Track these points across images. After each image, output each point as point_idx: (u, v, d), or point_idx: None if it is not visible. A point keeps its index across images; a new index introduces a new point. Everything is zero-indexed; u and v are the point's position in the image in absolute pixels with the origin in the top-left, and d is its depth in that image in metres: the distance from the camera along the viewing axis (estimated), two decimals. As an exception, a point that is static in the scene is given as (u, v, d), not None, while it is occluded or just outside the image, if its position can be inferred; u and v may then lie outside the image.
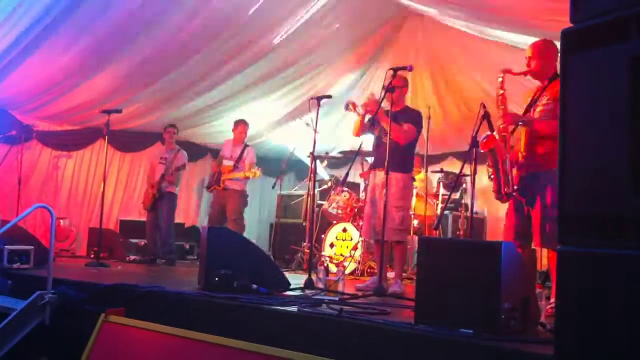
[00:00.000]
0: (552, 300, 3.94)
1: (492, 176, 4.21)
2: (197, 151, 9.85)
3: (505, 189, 4.15)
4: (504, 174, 4.16)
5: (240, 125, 7.99)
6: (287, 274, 4.94)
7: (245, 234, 7.29)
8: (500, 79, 4.32)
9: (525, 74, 4.34)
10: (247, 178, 7.68)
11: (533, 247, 4.25)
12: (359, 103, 5.40)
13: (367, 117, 5.46)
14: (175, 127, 8.42)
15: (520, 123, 4.22)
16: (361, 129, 5.46)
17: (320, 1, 7.07)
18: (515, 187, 4.18)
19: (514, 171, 4.18)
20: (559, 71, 4.25)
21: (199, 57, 7.57)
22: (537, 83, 4.40)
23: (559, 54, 2.10)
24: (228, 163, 7.86)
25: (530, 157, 4.25)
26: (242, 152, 7.91)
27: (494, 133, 4.17)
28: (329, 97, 5.60)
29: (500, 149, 4.13)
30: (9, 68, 7.01)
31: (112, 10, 6.36)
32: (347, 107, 5.36)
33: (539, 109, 4.25)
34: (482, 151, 4.25)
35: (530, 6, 5.65)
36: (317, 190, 8.51)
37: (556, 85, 4.18)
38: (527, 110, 4.33)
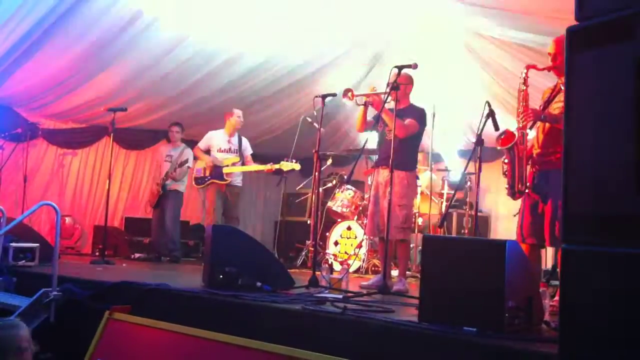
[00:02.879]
0: (556, 298, 3.93)
1: (507, 172, 4.19)
2: (201, 149, 9.85)
3: (519, 186, 4.14)
4: (519, 171, 4.15)
5: (235, 113, 7.67)
6: (291, 272, 4.94)
7: (249, 232, 7.25)
8: (523, 75, 4.28)
9: (549, 69, 4.28)
10: (270, 171, 7.31)
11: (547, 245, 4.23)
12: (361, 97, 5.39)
13: (370, 113, 5.47)
14: (179, 125, 8.40)
15: (542, 120, 4.18)
16: (364, 124, 5.46)
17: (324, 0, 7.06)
18: (528, 185, 4.17)
19: (528, 168, 4.17)
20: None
21: (204, 56, 7.57)
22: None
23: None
24: (226, 156, 7.56)
25: (545, 155, 4.23)
26: (240, 142, 7.66)
27: (514, 130, 4.14)
28: (334, 95, 5.59)
29: (518, 145, 4.12)
30: (14, 66, 7.04)
31: (116, 8, 6.37)
32: (345, 95, 5.35)
33: (558, 105, 4.21)
34: (498, 148, 4.22)
35: (536, 4, 5.63)
36: (321, 188, 8.51)
37: None
38: (545, 107, 4.30)
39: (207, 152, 7.71)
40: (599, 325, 1.87)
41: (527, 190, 4.15)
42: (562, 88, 4.19)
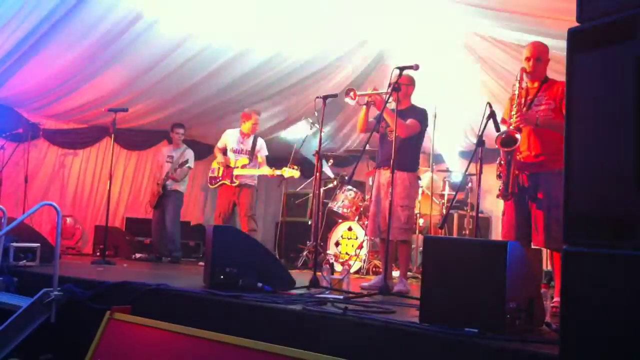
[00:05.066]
0: (556, 299, 3.95)
1: (503, 174, 4.20)
2: (203, 150, 9.86)
3: (513, 188, 4.17)
4: (514, 173, 4.17)
5: (254, 115, 7.56)
6: (292, 273, 4.94)
7: (250, 232, 7.24)
8: (519, 77, 4.33)
9: (530, 73, 4.35)
10: (272, 177, 7.34)
11: (533, 246, 4.26)
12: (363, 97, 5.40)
13: (372, 112, 5.46)
14: (182, 126, 8.40)
15: (537, 125, 4.19)
16: (365, 125, 5.46)
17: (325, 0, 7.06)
18: (521, 187, 4.20)
19: (515, 171, 4.21)
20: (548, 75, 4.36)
21: (204, 57, 7.57)
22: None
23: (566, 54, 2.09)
24: (238, 157, 7.50)
25: (534, 157, 4.26)
26: (254, 144, 7.58)
27: (517, 135, 4.14)
28: (335, 96, 5.60)
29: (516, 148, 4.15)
30: (16, 66, 7.04)
31: (117, 9, 6.37)
32: (347, 94, 5.36)
33: (540, 108, 4.26)
34: (497, 147, 4.23)
35: (537, 5, 5.63)
36: (322, 189, 8.51)
37: (552, 87, 4.28)
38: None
39: (225, 150, 7.67)
40: (600, 327, 1.87)
41: (517, 192, 4.20)
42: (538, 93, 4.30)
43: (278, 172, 7.21)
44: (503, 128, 4.36)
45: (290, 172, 7.18)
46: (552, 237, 4.08)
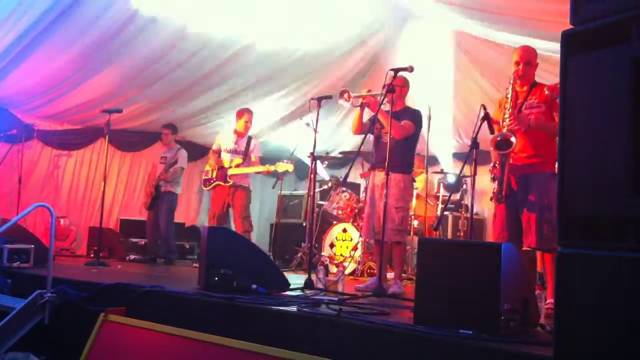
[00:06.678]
0: (549, 301, 3.96)
1: (497, 177, 4.22)
2: (197, 151, 9.84)
3: (507, 191, 4.19)
4: (507, 176, 4.19)
5: (246, 113, 7.47)
6: (286, 274, 4.94)
7: (245, 234, 7.22)
8: (512, 81, 4.37)
9: (520, 77, 4.39)
10: (267, 172, 7.28)
11: (524, 248, 4.28)
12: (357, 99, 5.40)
13: (367, 114, 5.47)
14: (170, 127, 8.36)
15: (529, 128, 4.22)
16: (360, 126, 5.46)
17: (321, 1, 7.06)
18: (513, 189, 4.23)
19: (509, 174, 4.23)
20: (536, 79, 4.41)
21: (199, 58, 7.56)
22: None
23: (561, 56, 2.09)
24: (232, 157, 7.43)
25: (526, 159, 4.30)
26: (248, 144, 7.49)
27: (512, 138, 4.15)
28: (330, 97, 5.60)
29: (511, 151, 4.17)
30: (10, 67, 7.02)
31: (112, 10, 6.36)
32: (341, 96, 5.36)
33: (531, 111, 4.30)
34: (491, 149, 4.25)
35: (531, 8, 5.65)
36: (317, 190, 8.50)
37: (541, 91, 4.32)
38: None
39: (220, 152, 7.60)
40: (594, 328, 1.87)
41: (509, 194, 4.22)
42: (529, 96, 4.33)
43: (272, 167, 7.16)
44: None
45: (284, 166, 7.12)
46: (544, 238, 4.10)
